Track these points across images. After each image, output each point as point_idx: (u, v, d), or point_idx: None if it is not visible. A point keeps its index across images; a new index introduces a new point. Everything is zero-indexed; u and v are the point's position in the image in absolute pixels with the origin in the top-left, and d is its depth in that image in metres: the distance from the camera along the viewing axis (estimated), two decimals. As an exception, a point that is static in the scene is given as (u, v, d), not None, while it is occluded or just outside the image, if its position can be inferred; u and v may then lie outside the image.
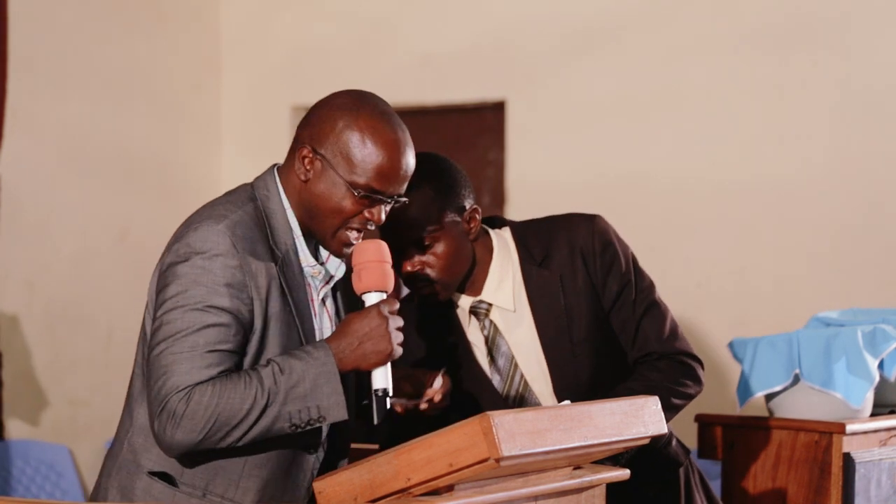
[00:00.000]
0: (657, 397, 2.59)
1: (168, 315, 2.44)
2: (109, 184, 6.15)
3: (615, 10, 5.93)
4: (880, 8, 5.50)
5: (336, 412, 2.45)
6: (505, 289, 2.96)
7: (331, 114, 2.55)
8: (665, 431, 2.58)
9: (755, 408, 3.76)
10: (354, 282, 2.56)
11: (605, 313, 2.97)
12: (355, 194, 2.51)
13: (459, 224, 2.88)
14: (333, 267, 2.64)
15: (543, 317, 2.95)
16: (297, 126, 2.61)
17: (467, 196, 2.90)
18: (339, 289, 2.69)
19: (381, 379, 2.51)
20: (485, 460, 2.23)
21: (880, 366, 3.58)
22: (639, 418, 2.52)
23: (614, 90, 5.93)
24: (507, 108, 6.17)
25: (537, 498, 2.43)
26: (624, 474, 2.62)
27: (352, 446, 2.81)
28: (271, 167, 2.63)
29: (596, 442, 2.43)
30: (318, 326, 2.60)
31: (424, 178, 2.82)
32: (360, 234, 2.57)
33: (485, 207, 6.07)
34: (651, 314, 2.99)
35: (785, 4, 5.65)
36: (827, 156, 5.55)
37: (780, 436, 3.58)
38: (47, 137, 5.90)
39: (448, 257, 2.86)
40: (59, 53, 5.94)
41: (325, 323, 2.64)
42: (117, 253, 6.12)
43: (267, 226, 2.54)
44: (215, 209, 2.52)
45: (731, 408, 3.77)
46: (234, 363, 2.45)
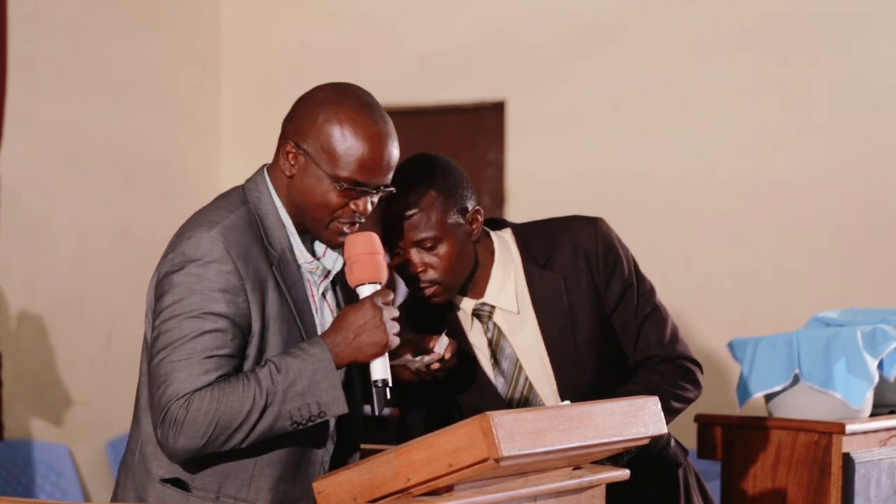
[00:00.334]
0: (657, 397, 2.60)
1: (166, 324, 2.46)
2: (109, 184, 6.15)
3: (615, 10, 5.93)
4: (880, 8, 5.51)
5: (336, 406, 2.47)
6: (508, 291, 2.96)
7: (312, 108, 2.55)
8: (665, 432, 2.58)
9: (755, 408, 3.76)
10: (347, 275, 2.57)
11: (608, 315, 2.97)
12: (338, 188, 2.52)
13: (462, 225, 2.87)
14: (330, 261, 2.64)
15: (547, 319, 2.94)
16: (283, 121, 2.61)
17: (469, 197, 2.90)
18: (338, 282, 2.69)
19: (379, 370, 2.53)
20: (484, 460, 2.23)
21: (880, 366, 3.58)
22: (639, 418, 2.52)
23: (614, 90, 5.93)
24: (507, 108, 6.17)
25: (537, 498, 2.43)
26: (623, 474, 2.62)
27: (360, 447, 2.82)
28: (261, 167, 2.63)
29: (596, 442, 2.43)
30: (319, 321, 2.61)
31: (426, 180, 2.83)
32: (354, 226, 2.57)
33: (485, 207, 6.06)
34: (652, 318, 3.00)
35: (785, 4, 5.65)
36: (827, 156, 5.55)
37: (780, 436, 3.58)
38: (47, 137, 5.90)
39: (451, 259, 2.85)
40: (59, 53, 5.94)
41: (326, 317, 2.64)
42: (117, 253, 6.13)
43: (260, 227, 2.55)
44: (206, 216, 2.54)
45: (731, 408, 3.77)
46: (232, 367, 2.47)
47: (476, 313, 2.97)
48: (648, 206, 5.82)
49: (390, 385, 2.54)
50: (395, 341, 2.52)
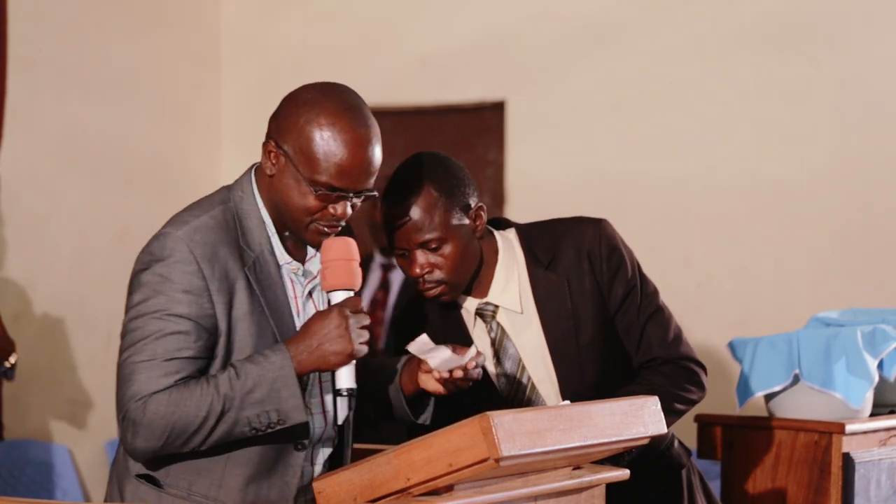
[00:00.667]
0: (657, 397, 2.60)
1: (131, 323, 2.50)
2: (109, 184, 6.15)
3: (615, 10, 5.93)
4: (880, 8, 5.51)
5: (295, 415, 2.45)
6: (511, 291, 2.95)
7: (295, 108, 2.52)
8: (665, 431, 2.58)
9: (755, 408, 3.76)
10: (321, 280, 2.54)
11: (611, 317, 2.97)
12: (315, 192, 2.48)
13: (465, 223, 2.86)
14: (314, 263, 2.62)
15: (550, 320, 2.94)
16: (270, 118, 2.58)
17: (472, 194, 2.89)
18: None
19: (344, 379, 2.50)
20: (484, 460, 2.23)
21: (880, 366, 3.58)
22: (639, 418, 2.52)
23: (614, 90, 5.93)
24: (507, 108, 6.17)
25: (537, 498, 2.43)
26: (623, 474, 2.62)
27: (352, 447, 2.81)
28: (251, 166, 2.62)
29: (595, 442, 2.43)
30: (300, 323, 2.57)
31: (428, 180, 2.82)
32: (334, 229, 2.54)
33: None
34: (655, 319, 2.99)
35: (785, 4, 5.65)
36: (827, 156, 5.55)
37: (780, 436, 3.58)
38: (47, 137, 5.89)
39: (456, 258, 2.85)
40: (59, 53, 5.94)
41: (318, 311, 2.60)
42: (117, 253, 6.12)
43: (238, 227, 2.54)
44: (181, 215, 2.55)
45: (731, 408, 3.76)
46: (196, 369, 2.47)
47: (479, 313, 2.96)
48: (648, 206, 5.82)
49: (355, 395, 2.51)
50: (362, 350, 2.48)
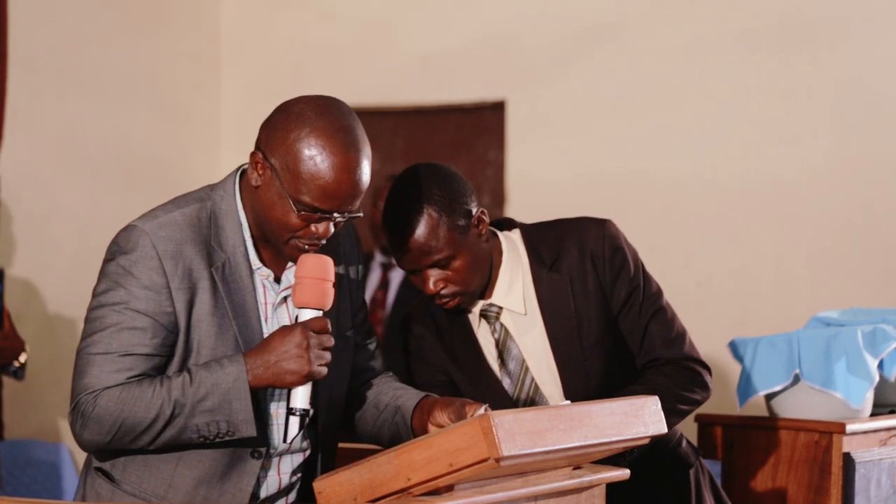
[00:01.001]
0: (657, 397, 2.59)
1: (92, 313, 2.47)
2: (109, 184, 6.15)
3: (615, 10, 5.94)
4: (880, 8, 5.51)
5: (245, 428, 2.43)
6: (515, 292, 2.95)
7: (285, 122, 2.46)
8: (665, 431, 2.58)
9: (755, 408, 3.76)
10: (292, 295, 2.49)
11: (614, 317, 2.97)
12: (297, 210, 2.43)
13: (469, 232, 2.85)
14: (290, 274, 2.57)
15: (554, 320, 2.93)
16: (261, 124, 2.54)
17: (471, 202, 2.87)
18: None
19: (299, 398, 2.46)
20: (485, 460, 2.23)
21: (880, 366, 3.58)
22: (639, 418, 2.52)
23: (614, 90, 5.93)
24: (507, 108, 6.17)
25: (537, 498, 2.43)
26: (624, 474, 2.62)
27: (352, 447, 2.81)
28: (238, 168, 2.59)
29: (596, 442, 2.43)
30: (268, 329, 2.54)
31: (426, 202, 2.79)
32: (314, 247, 2.49)
33: (485, 208, 6.06)
34: (658, 319, 2.98)
35: (785, 4, 5.65)
36: (827, 156, 5.55)
37: (780, 436, 3.58)
38: (47, 137, 5.89)
39: (468, 269, 2.84)
40: (59, 53, 5.94)
41: (284, 323, 2.56)
42: (117, 253, 6.12)
43: (213, 226, 2.51)
44: (154, 209, 2.53)
45: (731, 408, 3.76)
46: (151, 366, 2.45)
47: (483, 314, 2.96)
48: (648, 206, 5.82)
49: (309, 417, 2.48)
50: (320, 372, 2.43)
